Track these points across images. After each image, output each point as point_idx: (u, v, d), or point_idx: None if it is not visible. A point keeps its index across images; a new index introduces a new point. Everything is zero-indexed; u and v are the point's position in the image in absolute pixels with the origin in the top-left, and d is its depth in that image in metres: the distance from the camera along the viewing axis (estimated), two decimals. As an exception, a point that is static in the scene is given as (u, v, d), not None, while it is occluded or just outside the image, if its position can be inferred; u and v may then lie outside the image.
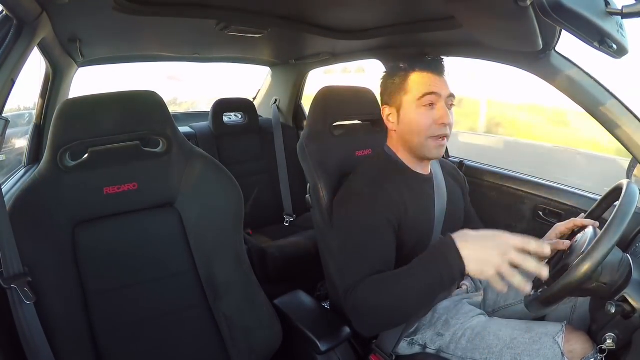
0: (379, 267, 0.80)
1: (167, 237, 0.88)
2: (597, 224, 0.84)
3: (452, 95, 0.89)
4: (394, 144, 0.96)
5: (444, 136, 0.88)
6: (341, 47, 1.67)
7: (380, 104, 0.98)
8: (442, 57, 0.93)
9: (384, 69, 0.98)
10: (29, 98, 1.61)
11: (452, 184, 1.04)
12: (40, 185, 0.78)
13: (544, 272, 0.63)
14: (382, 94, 0.96)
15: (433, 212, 0.94)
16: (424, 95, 0.87)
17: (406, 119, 0.90)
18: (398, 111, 0.91)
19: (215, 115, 1.96)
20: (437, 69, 0.89)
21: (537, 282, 0.85)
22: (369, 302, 0.76)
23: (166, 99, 0.90)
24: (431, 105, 0.87)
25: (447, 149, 1.70)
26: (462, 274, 0.67)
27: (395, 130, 0.94)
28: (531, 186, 1.32)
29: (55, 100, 1.49)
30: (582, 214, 0.98)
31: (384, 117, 0.95)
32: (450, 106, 0.89)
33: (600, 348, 0.75)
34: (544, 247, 0.64)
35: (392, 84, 0.92)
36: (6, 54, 0.79)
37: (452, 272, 0.67)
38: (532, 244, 0.64)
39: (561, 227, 0.92)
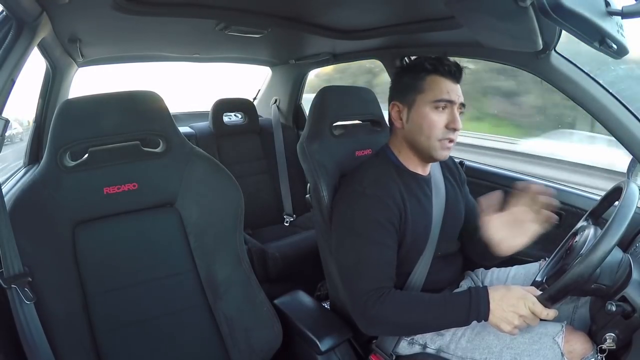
0: (386, 270, 0.86)
1: (167, 237, 0.88)
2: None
3: (463, 104, 0.90)
4: (397, 143, 0.96)
5: (452, 140, 0.89)
6: (341, 47, 1.67)
7: (388, 100, 0.96)
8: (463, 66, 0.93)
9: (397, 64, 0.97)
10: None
11: (450, 183, 1.03)
12: (40, 185, 0.78)
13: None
14: (393, 89, 0.95)
15: (431, 212, 0.94)
16: (440, 100, 0.87)
17: (417, 119, 0.90)
18: (409, 109, 0.91)
19: (215, 115, 1.96)
20: (456, 76, 0.90)
21: (537, 283, 0.85)
22: (390, 318, 0.83)
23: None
24: (444, 108, 0.88)
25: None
26: (484, 320, 0.79)
27: (402, 128, 0.93)
28: None
29: (55, 100, 1.48)
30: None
31: (392, 114, 0.94)
32: (460, 113, 0.90)
33: (600, 348, 0.75)
34: (554, 314, 0.75)
35: (409, 80, 0.91)
36: (6, 54, 0.78)
37: (477, 319, 0.78)
38: (550, 314, 0.75)
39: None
